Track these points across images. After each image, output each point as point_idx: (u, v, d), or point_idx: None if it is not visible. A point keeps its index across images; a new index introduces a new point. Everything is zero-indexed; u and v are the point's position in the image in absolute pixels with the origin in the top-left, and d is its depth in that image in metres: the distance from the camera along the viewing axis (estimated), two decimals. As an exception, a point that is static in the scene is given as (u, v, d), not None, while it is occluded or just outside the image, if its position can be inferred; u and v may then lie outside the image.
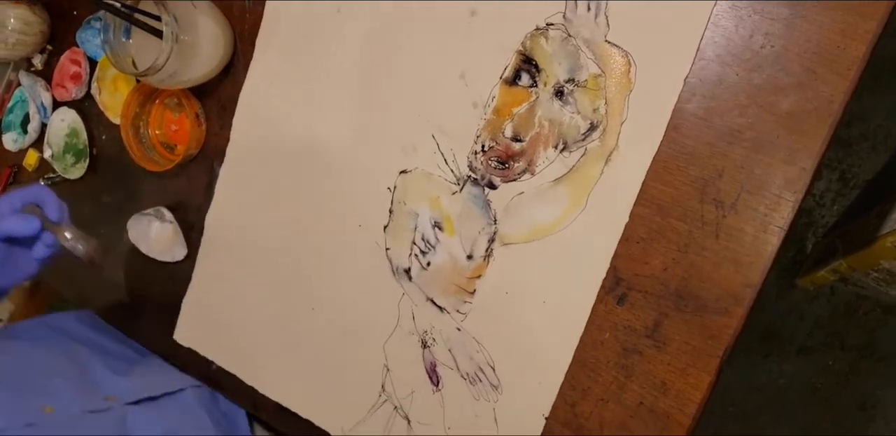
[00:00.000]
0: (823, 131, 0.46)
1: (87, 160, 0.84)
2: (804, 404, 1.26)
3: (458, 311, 0.64)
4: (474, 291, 0.63)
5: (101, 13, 0.79)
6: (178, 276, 0.81)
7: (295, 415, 0.73)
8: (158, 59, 0.62)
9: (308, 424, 0.72)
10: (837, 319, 1.25)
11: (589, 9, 0.53)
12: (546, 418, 0.60)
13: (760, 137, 0.49)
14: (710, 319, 0.53)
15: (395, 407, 0.68)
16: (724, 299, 0.53)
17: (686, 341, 0.54)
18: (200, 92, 0.75)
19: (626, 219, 0.55)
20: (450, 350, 0.65)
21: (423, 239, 0.65)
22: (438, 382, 0.65)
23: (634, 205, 0.55)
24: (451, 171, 0.62)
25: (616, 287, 0.56)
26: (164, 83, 0.67)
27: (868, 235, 0.91)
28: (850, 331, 1.25)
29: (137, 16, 0.65)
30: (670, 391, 0.55)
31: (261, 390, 0.75)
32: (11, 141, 0.91)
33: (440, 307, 0.65)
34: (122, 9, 0.64)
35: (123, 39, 0.69)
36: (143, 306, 0.84)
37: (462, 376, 0.64)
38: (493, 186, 0.60)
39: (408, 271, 0.66)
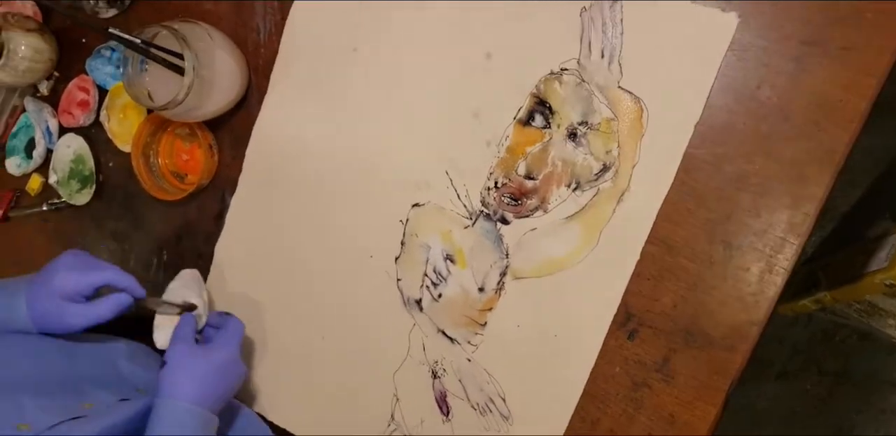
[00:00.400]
0: (826, 179, 0.50)
1: (94, 186, 0.85)
2: (783, 428, 1.31)
3: (469, 342, 0.66)
4: (485, 323, 0.65)
5: (115, 44, 0.81)
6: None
7: None
8: (179, 94, 0.65)
9: (318, 453, 0.74)
10: (815, 344, 1.31)
11: (603, 56, 0.57)
12: None
13: (766, 183, 0.53)
14: (716, 354, 0.56)
15: None
16: (731, 336, 0.56)
17: (694, 375, 0.57)
18: (214, 123, 0.77)
19: (637, 257, 0.58)
20: (460, 381, 0.67)
21: (434, 271, 0.67)
22: (448, 412, 0.68)
23: (645, 243, 0.58)
24: (464, 206, 0.65)
25: (627, 323, 0.59)
26: (180, 116, 0.69)
27: (855, 271, 0.95)
28: (827, 357, 1.31)
29: (155, 51, 0.67)
30: (678, 423, 0.58)
31: (269, 418, 0.77)
32: (15, 166, 0.92)
33: (451, 338, 0.67)
34: (142, 45, 0.66)
35: (140, 73, 0.71)
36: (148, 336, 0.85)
37: (472, 407, 0.66)
38: (505, 222, 0.63)
39: (419, 302, 0.68)
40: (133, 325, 0.68)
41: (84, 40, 0.87)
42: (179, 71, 0.65)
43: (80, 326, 0.60)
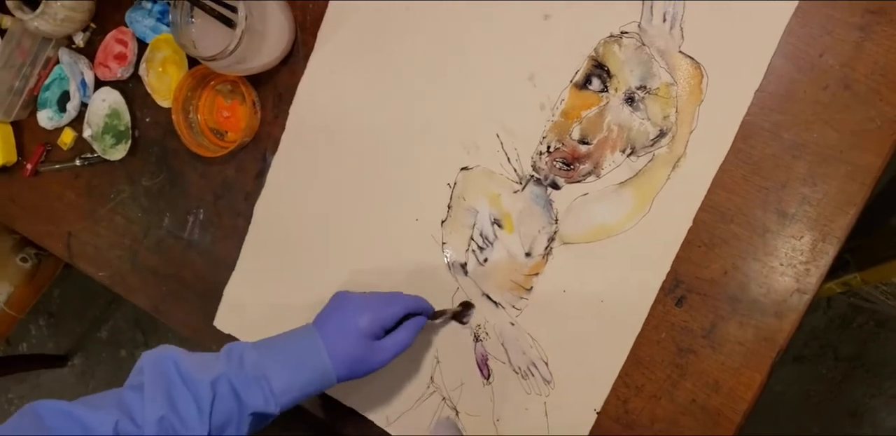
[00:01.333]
0: (885, 149, 0.55)
1: (129, 142, 0.91)
2: (797, 410, 1.41)
3: (513, 306, 0.72)
4: (531, 288, 0.70)
5: (159, -4, 0.86)
6: (220, 262, 0.88)
7: (338, 403, 0.81)
8: (231, 44, 0.70)
9: (351, 412, 0.80)
10: (832, 330, 1.41)
11: (665, 20, 0.61)
12: (597, 413, 0.68)
13: (824, 152, 0.58)
14: (765, 322, 0.61)
15: (444, 398, 0.76)
16: (780, 304, 0.61)
17: (740, 342, 0.63)
18: (256, 79, 0.81)
19: (690, 224, 0.63)
20: (503, 344, 0.73)
21: (481, 235, 0.73)
22: (489, 375, 0.73)
23: (698, 211, 0.62)
24: (514, 170, 0.70)
25: (675, 289, 0.65)
26: (227, 69, 0.75)
27: (887, 252, 1.00)
28: (843, 342, 1.39)
29: (205, 1, 0.72)
30: (722, 390, 0.64)
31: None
32: (47, 118, 0.98)
33: (495, 302, 0.72)
34: (192, -4, 0.71)
35: (186, 22, 0.76)
36: (182, 293, 0.91)
37: (514, 371, 0.72)
38: (556, 187, 0.68)
39: (464, 266, 0.74)
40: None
41: (123, -9, 0.92)
42: (227, 22, 0.70)
43: (390, 359, 0.66)
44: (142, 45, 0.90)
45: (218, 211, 0.87)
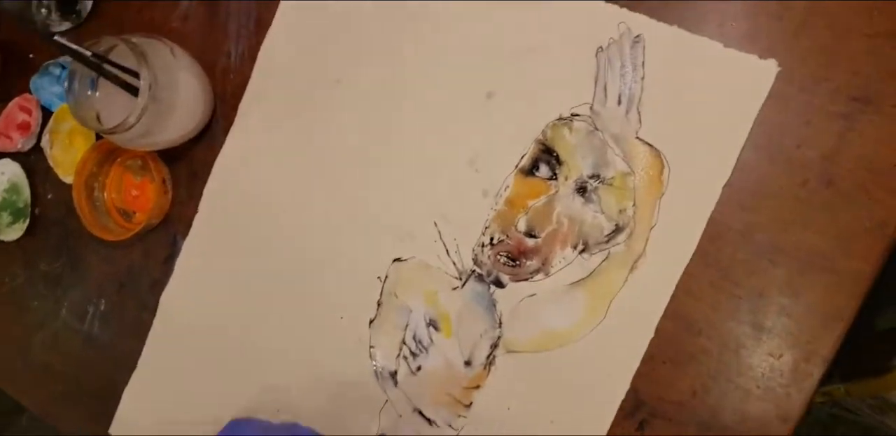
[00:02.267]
0: (875, 257, 0.48)
1: (27, 221, 0.83)
2: None
3: (450, 425, 0.63)
4: (471, 403, 0.63)
5: (65, 60, 0.79)
6: (121, 361, 0.79)
7: None
8: (130, 116, 0.63)
9: None
10: None
11: (620, 102, 0.55)
12: None
13: (805, 258, 0.51)
14: None
15: None
16: (758, 434, 0.53)
17: None
18: (169, 155, 0.75)
19: (651, 334, 0.56)
20: None
21: (414, 339, 0.65)
22: None
23: (661, 319, 0.55)
24: (454, 263, 0.63)
25: (637, 411, 0.56)
26: (132, 143, 0.67)
27: (877, 365, 0.93)
28: None
29: (108, 67, 0.66)
30: None
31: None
32: (-61, 192, 0.89)
33: (429, 420, 0.64)
34: (93, 59, 0.64)
35: (89, 91, 0.69)
36: (76, 394, 0.82)
37: None
38: (500, 285, 0.61)
39: (394, 375, 0.65)
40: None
41: (31, 56, 0.85)
42: (135, 92, 0.63)
43: None
44: (47, 115, 0.82)
45: (121, 301, 0.79)
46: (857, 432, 1.27)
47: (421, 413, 0.64)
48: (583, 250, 0.57)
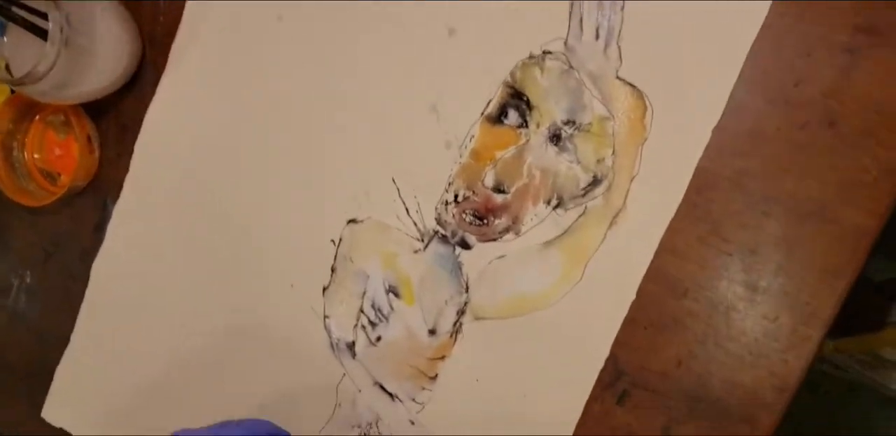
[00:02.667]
0: (882, 209, 0.44)
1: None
2: None
3: (413, 399, 0.59)
4: (436, 375, 0.58)
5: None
6: (51, 338, 0.74)
7: None
8: (40, 64, 0.56)
9: None
10: (798, 397, 1.27)
11: (598, 36, 0.49)
12: None
13: (803, 208, 0.46)
14: (732, 427, 0.50)
15: None
16: (751, 405, 0.49)
17: None
18: (95, 109, 0.68)
19: (633, 297, 0.51)
20: None
21: (373, 307, 0.59)
22: None
23: (643, 281, 0.51)
24: (414, 223, 0.58)
25: (616, 382, 0.52)
26: (47, 96, 0.60)
27: (868, 321, 0.90)
28: (808, 411, 1.26)
29: (15, 9, 0.58)
30: None
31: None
32: None
33: (391, 394, 0.60)
34: (-4, 0, 0.57)
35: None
36: (3, 377, 0.76)
37: None
38: (466, 246, 0.56)
39: (351, 347, 0.60)
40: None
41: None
42: (45, 36, 0.56)
43: None
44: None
45: (48, 273, 0.73)
46: (843, 388, 1.25)
47: (382, 387, 0.60)
48: (557, 206, 0.52)
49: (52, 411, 0.75)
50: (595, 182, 0.51)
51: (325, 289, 0.62)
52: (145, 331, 0.70)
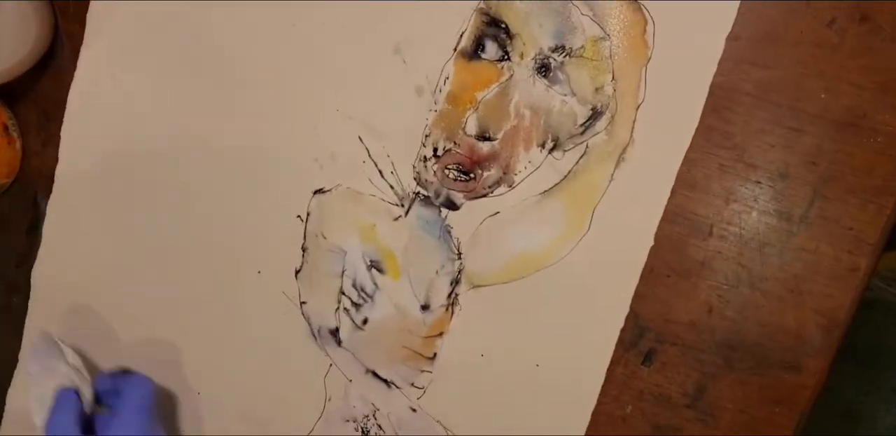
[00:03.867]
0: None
1: None
2: None
3: (412, 384, 0.53)
4: (434, 355, 0.52)
5: None
6: None
7: None
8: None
9: None
10: None
11: (580, -54, 0.42)
12: None
13: (839, 119, 0.40)
14: (775, 377, 0.45)
15: None
16: (796, 349, 0.44)
17: (743, 409, 0.45)
18: (10, 94, 0.60)
19: (650, 243, 0.45)
20: None
21: (354, 286, 0.53)
22: None
23: (661, 223, 0.45)
24: (391, 187, 0.51)
25: (640, 341, 0.46)
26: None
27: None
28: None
29: None
30: None
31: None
32: None
33: (386, 381, 0.53)
34: None
35: None
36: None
37: None
38: (453, 206, 0.50)
39: (335, 333, 0.54)
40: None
41: None
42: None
43: None
44: None
45: None
46: (865, 306, 1.21)
47: (375, 374, 0.54)
48: (553, 148, 0.46)
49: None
50: (595, 115, 0.45)
51: (297, 272, 0.55)
52: (102, 344, 0.61)
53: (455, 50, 0.47)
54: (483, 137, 0.48)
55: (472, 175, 0.48)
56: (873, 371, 1.18)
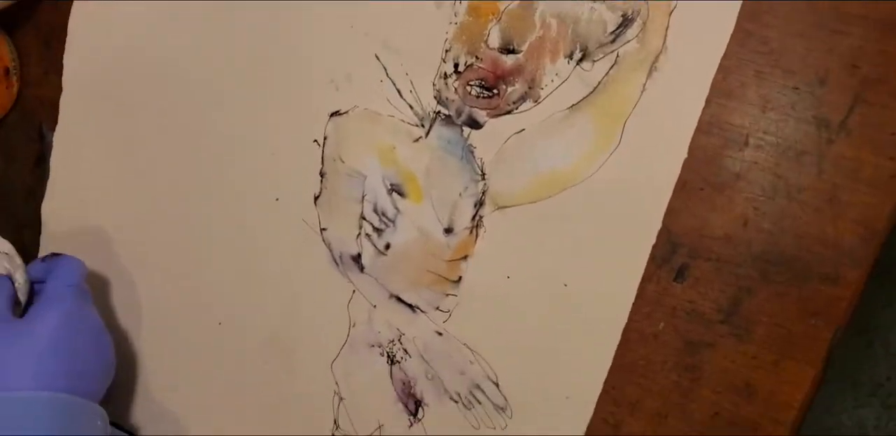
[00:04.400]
0: None
1: None
2: None
3: (437, 308, 0.52)
4: (459, 278, 0.51)
5: None
6: None
7: None
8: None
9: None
10: None
11: None
12: None
13: (887, 19, 0.38)
14: (813, 289, 0.43)
15: None
16: (834, 259, 0.42)
17: (779, 323, 0.44)
18: (8, 23, 0.58)
19: (684, 155, 0.43)
20: (430, 364, 0.53)
21: (375, 211, 0.52)
22: (417, 409, 0.53)
23: (695, 134, 0.43)
24: (410, 106, 0.49)
25: (672, 257, 0.45)
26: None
27: None
28: None
29: None
30: (758, 394, 0.45)
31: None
32: None
33: (411, 306, 0.52)
34: None
35: None
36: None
37: (452, 399, 0.52)
38: (475, 125, 0.48)
39: (357, 259, 0.53)
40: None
41: None
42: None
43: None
44: None
45: None
46: None
47: (399, 299, 0.53)
48: (581, 59, 0.44)
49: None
50: (625, 22, 0.43)
51: (316, 198, 0.53)
52: (117, 277, 0.60)
53: (476, -44, 0.45)
54: (507, 49, 0.45)
55: (495, 91, 0.46)
56: (891, 285, 1.15)
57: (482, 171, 0.48)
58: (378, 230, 0.52)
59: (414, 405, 0.54)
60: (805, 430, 0.47)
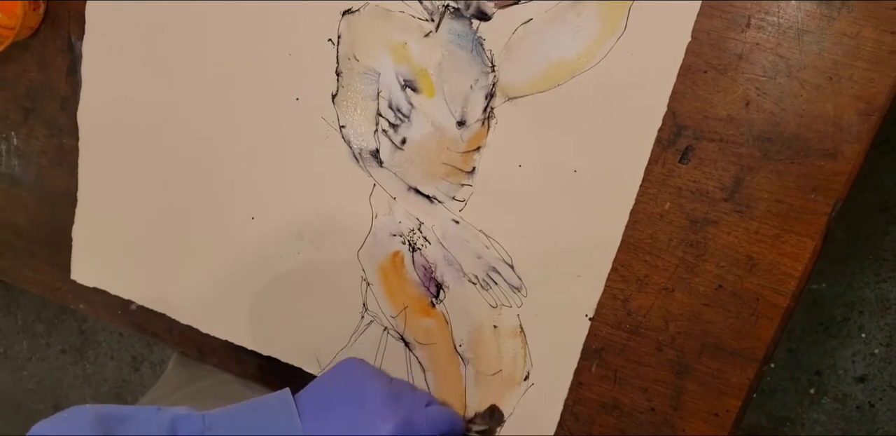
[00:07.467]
0: None
1: None
2: None
3: (453, 198, 0.52)
4: (473, 169, 0.51)
5: None
6: (57, 198, 0.65)
7: (254, 354, 0.62)
8: None
9: (273, 362, 0.60)
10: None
11: None
12: (590, 320, 0.51)
13: None
14: (812, 165, 0.43)
15: (385, 328, 0.57)
16: (834, 136, 0.42)
17: (779, 199, 0.44)
18: None
19: (687, 39, 0.43)
20: (448, 250, 0.54)
21: (390, 107, 0.51)
22: (438, 291, 0.55)
23: (697, 16, 0.42)
24: (420, 1, 0.48)
25: (677, 139, 0.45)
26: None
27: None
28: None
29: None
30: (759, 267, 0.46)
31: (203, 330, 0.63)
32: None
33: (429, 197, 0.53)
34: None
35: None
36: (20, 244, 0.69)
37: (470, 281, 0.54)
38: (484, 17, 0.47)
39: (376, 154, 0.53)
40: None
41: None
42: None
43: None
44: None
45: (33, 131, 0.63)
46: None
47: (417, 191, 0.53)
48: (586, -56, 0.41)
49: (80, 272, 0.68)
50: None
51: (333, 96, 0.53)
52: (152, 172, 0.61)
53: None
54: (513, -63, 0.44)
55: (502, -19, 0.45)
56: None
57: (492, 62, 0.48)
58: (394, 126, 0.52)
59: (435, 288, 0.55)
60: (828, 304, 0.48)
